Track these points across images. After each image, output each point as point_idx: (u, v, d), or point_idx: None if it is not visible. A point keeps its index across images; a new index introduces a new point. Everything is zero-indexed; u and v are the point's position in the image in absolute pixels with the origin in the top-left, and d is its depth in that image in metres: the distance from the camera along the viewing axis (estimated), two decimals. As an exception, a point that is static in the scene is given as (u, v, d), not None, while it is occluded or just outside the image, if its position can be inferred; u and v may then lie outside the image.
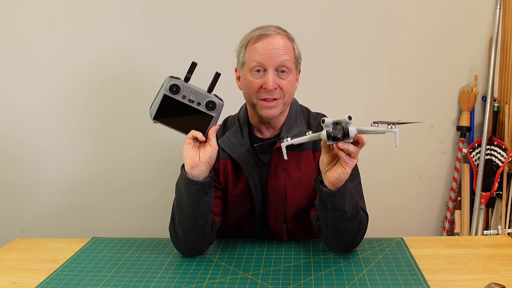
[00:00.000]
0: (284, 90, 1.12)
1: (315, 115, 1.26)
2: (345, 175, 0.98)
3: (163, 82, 1.03)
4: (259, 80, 1.12)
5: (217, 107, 1.05)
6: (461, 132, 1.92)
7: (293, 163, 1.19)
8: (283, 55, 1.10)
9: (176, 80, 1.02)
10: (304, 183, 1.19)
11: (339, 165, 0.98)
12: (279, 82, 1.11)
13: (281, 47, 1.11)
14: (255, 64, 1.11)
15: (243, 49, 1.15)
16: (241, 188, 1.21)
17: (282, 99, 1.13)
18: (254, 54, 1.11)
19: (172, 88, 1.02)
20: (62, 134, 1.91)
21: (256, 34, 1.12)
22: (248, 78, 1.13)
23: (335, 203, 1.01)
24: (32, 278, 1.08)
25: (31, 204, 1.98)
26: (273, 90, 1.11)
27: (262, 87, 1.11)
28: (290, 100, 1.18)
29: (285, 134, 1.18)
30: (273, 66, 1.10)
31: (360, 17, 1.83)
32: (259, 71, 1.11)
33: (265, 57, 1.10)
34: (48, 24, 1.81)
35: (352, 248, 1.13)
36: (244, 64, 1.15)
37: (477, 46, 1.87)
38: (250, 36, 1.13)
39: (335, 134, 0.92)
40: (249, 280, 1.02)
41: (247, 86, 1.14)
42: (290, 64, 1.12)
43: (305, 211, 1.21)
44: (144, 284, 1.02)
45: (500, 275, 1.02)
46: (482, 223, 1.92)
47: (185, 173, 1.05)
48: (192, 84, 1.04)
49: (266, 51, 1.10)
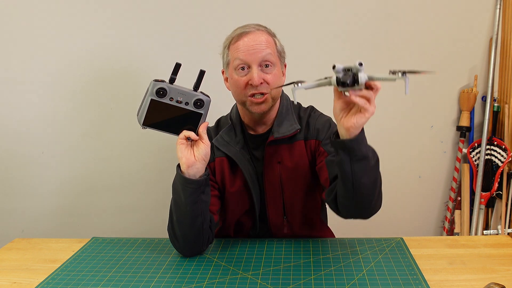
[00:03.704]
0: (270, 84, 1.13)
1: (305, 109, 1.28)
2: (363, 120, 0.94)
3: (148, 87, 1.03)
4: (244, 77, 1.13)
5: (205, 104, 1.05)
6: (461, 132, 1.92)
7: (286, 154, 1.20)
8: (264, 49, 1.11)
9: (162, 83, 1.03)
10: (299, 172, 1.21)
11: (355, 112, 0.95)
12: (265, 77, 1.12)
13: (262, 42, 1.12)
14: (239, 62, 1.12)
15: (226, 49, 1.17)
16: (239, 185, 1.22)
17: (269, 93, 1.14)
18: (237, 53, 1.12)
19: (159, 92, 1.02)
20: (62, 134, 1.91)
21: (237, 33, 1.14)
22: (234, 77, 1.14)
23: (359, 150, 0.96)
24: (32, 278, 1.08)
25: (31, 204, 1.98)
26: (260, 85, 1.12)
27: (248, 84, 1.12)
28: (278, 94, 1.19)
29: (277, 128, 1.19)
30: (256, 62, 1.11)
31: (359, 17, 1.83)
32: (244, 68, 1.12)
33: (247, 54, 1.11)
34: (48, 24, 1.81)
35: (377, 209, 1.06)
36: (229, 64, 1.16)
37: (477, 46, 1.87)
38: (232, 36, 1.15)
39: (344, 80, 0.90)
40: (249, 280, 1.02)
41: (234, 84, 1.15)
42: (273, 58, 1.13)
43: (303, 201, 1.23)
44: (144, 284, 1.02)
45: (500, 275, 1.02)
46: (482, 223, 1.93)
47: (181, 173, 1.06)
48: (177, 84, 1.04)
49: (247, 47, 1.11)
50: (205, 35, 1.82)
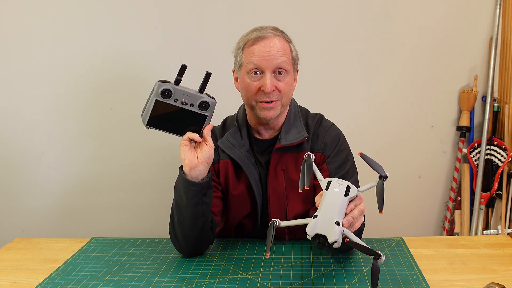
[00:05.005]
0: (282, 92, 1.13)
1: (313, 116, 1.26)
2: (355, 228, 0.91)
3: (153, 87, 1.02)
4: (256, 82, 1.12)
5: (210, 106, 1.05)
6: (461, 132, 1.92)
7: (291, 163, 1.19)
8: (280, 57, 1.10)
9: (167, 84, 1.02)
10: None
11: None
12: (277, 84, 1.12)
13: (278, 49, 1.11)
14: (253, 67, 1.11)
15: (240, 51, 1.15)
16: (242, 189, 1.21)
17: (280, 100, 1.13)
18: (252, 57, 1.11)
19: (164, 93, 1.02)
20: (62, 134, 1.91)
21: (253, 36, 1.12)
22: (246, 81, 1.13)
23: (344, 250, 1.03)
24: (32, 278, 1.08)
25: (31, 204, 1.98)
26: (271, 93, 1.11)
27: (260, 90, 1.11)
28: (288, 101, 1.19)
29: (284, 135, 1.18)
30: (270, 68, 1.10)
31: (360, 17, 1.83)
32: (257, 73, 1.11)
33: (262, 60, 1.10)
34: (48, 25, 1.81)
35: None
36: (242, 66, 1.15)
37: (477, 46, 1.87)
38: (247, 38, 1.13)
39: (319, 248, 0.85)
40: (249, 280, 1.02)
41: (245, 88, 1.14)
42: (287, 66, 1.12)
43: (307, 212, 1.21)
44: (144, 284, 1.02)
45: (499, 275, 1.02)
46: (482, 223, 1.93)
47: (183, 174, 1.05)
48: (183, 86, 1.04)
49: (263, 53, 1.10)
50: (212, 36, 1.82)
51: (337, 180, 0.92)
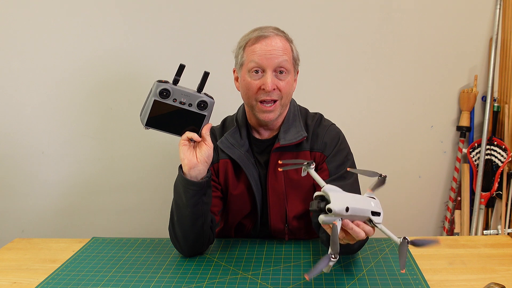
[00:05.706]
0: (282, 91, 1.13)
1: (313, 115, 1.26)
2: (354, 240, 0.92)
3: (151, 88, 1.02)
4: (257, 81, 1.12)
5: (209, 105, 1.05)
6: (461, 132, 1.92)
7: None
8: (281, 56, 1.11)
9: (165, 84, 1.02)
10: (303, 184, 1.19)
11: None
12: (278, 83, 1.12)
13: (279, 48, 1.11)
14: (254, 65, 1.11)
15: (242, 50, 1.15)
16: (242, 189, 1.21)
17: (280, 100, 1.13)
18: (253, 55, 1.11)
19: (162, 93, 1.02)
20: (62, 134, 1.91)
21: (255, 36, 1.12)
22: (247, 79, 1.13)
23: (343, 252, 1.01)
24: (32, 278, 1.08)
25: (31, 204, 1.98)
26: (272, 91, 1.11)
27: (261, 88, 1.11)
28: (288, 102, 1.19)
29: (283, 134, 1.18)
30: (271, 67, 1.10)
31: (360, 17, 1.83)
32: (258, 72, 1.12)
33: (263, 58, 1.10)
34: (48, 24, 1.81)
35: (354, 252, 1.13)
36: (243, 65, 1.15)
37: (477, 46, 1.87)
38: (249, 37, 1.13)
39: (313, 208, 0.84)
40: (249, 280, 1.02)
41: (246, 87, 1.14)
42: (288, 65, 1.12)
43: (307, 211, 1.21)
44: (144, 284, 1.02)
45: (499, 275, 1.02)
46: (482, 223, 1.93)
47: (183, 174, 1.05)
48: (181, 85, 1.04)
49: (264, 52, 1.10)
50: (210, 36, 1.82)
51: (378, 202, 0.91)
